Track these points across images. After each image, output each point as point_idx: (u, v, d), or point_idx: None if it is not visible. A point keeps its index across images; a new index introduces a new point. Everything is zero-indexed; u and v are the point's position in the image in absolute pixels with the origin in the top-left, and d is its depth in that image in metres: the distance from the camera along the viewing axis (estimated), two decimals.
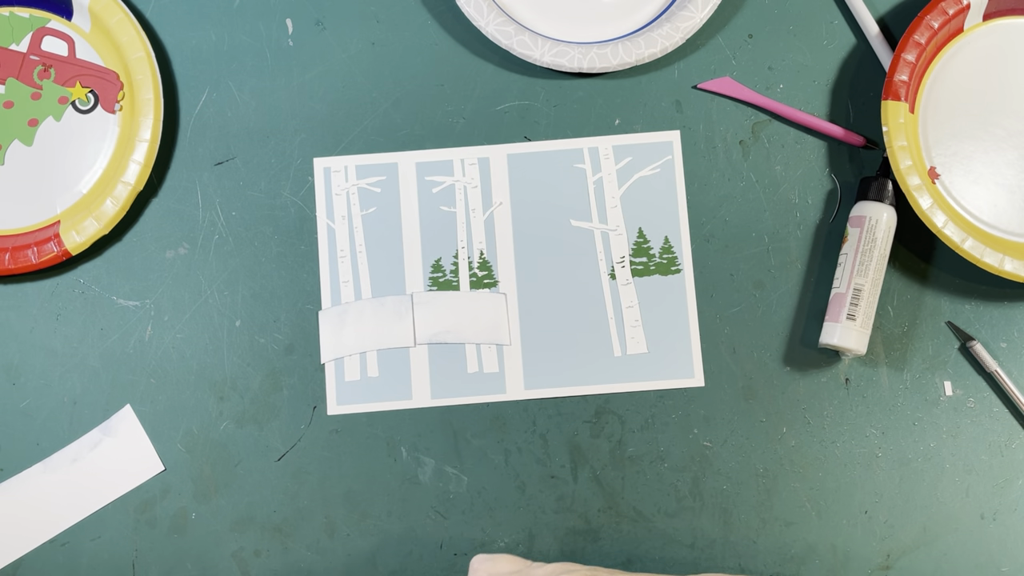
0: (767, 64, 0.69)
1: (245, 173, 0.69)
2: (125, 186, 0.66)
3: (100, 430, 0.66)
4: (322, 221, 0.68)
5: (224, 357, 0.67)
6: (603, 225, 0.68)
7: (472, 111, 0.69)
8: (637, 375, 0.66)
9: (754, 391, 0.66)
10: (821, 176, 0.68)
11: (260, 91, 0.69)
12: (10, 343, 0.67)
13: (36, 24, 0.69)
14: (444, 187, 0.69)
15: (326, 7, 0.70)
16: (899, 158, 0.65)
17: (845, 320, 0.64)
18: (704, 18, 0.68)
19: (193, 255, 0.68)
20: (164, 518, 0.65)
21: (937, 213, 0.64)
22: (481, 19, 0.68)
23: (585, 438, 0.66)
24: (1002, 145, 0.67)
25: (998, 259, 0.64)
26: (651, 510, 0.65)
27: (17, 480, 0.66)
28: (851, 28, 0.70)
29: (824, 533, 0.65)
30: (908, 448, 0.66)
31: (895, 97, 0.65)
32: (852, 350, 0.64)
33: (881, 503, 0.65)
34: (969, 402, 0.66)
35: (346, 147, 0.69)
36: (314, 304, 0.67)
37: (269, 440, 0.66)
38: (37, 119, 0.69)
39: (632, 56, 0.67)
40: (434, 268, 0.68)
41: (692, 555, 0.65)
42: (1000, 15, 0.68)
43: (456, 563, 0.65)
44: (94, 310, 0.67)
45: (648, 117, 0.69)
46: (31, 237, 0.67)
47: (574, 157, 0.69)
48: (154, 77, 0.67)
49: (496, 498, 0.66)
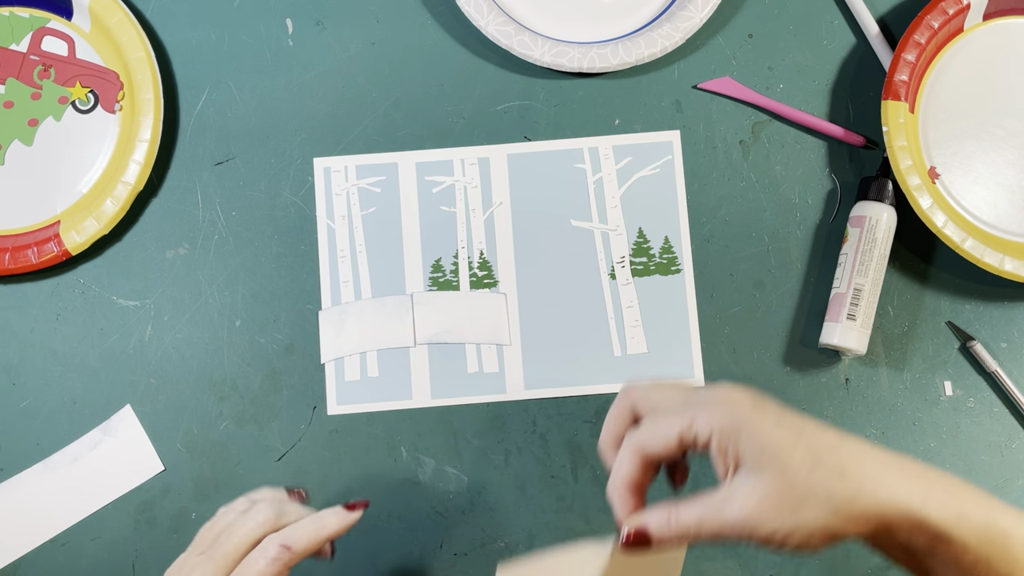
0: (767, 64, 0.69)
1: (245, 173, 0.69)
2: (125, 186, 0.66)
3: (100, 430, 0.66)
4: (322, 221, 0.68)
5: (224, 357, 0.67)
6: (603, 225, 0.68)
7: (472, 111, 0.69)
8: (637, 375, 0.66)
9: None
10: (821, 176, 0.68)
11: (260, 91, 0.69)
12: (10, 343, 0.67)
13: (36, 24, 0.69)
14: (444, 187, 0.69)
15: (326, 7, 0.70)
16: (899, 158, 0.64)
17: (845, 320, 0.64)
18: (704, 18, 0.68)
19: (193, 255, 0.68)
20: (164, 518, 0.65)
21: (937, 213, 0.64)
22: (481, 19, 0.68)
23: (585, 438, 0.66)
24: (1002, 145, 0.67)
25: (998, 259, 0.64)
26: None
27: (17, 480, 0.66)
28: (851, 28, 0.70)
29: None
30: (908, 448, 0.66)
31: (895, 97, 0.65)
32: (852, 350, 0.64)
33: None
34: (969, 402, 0.66)
35: (346, 147, 0.69)
36: (314, 304, 0.67)
37: (269, 440, 0.66)
38: (37, 119, 0.69)
39: (632, 56, 0.67)
40: (434, 268, 0.68)
41: (692, 555, 0.65)
42: (1000, 15, 0.68)
43: (456, 563, 0.65)
44: (94, 310, 0.67)
45: (648, 117, 0.69)
46: (31, 237, 0.67)
47: (574, 157, 0.69)
48: (154, 77, 0.67)
49: (496, 498, 0.66)
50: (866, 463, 0.46)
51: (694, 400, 0.48)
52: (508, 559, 0.58)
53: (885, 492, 0.45)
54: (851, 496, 0.45)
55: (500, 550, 0.65)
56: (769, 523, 0.45)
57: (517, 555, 0.65)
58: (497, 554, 0.65)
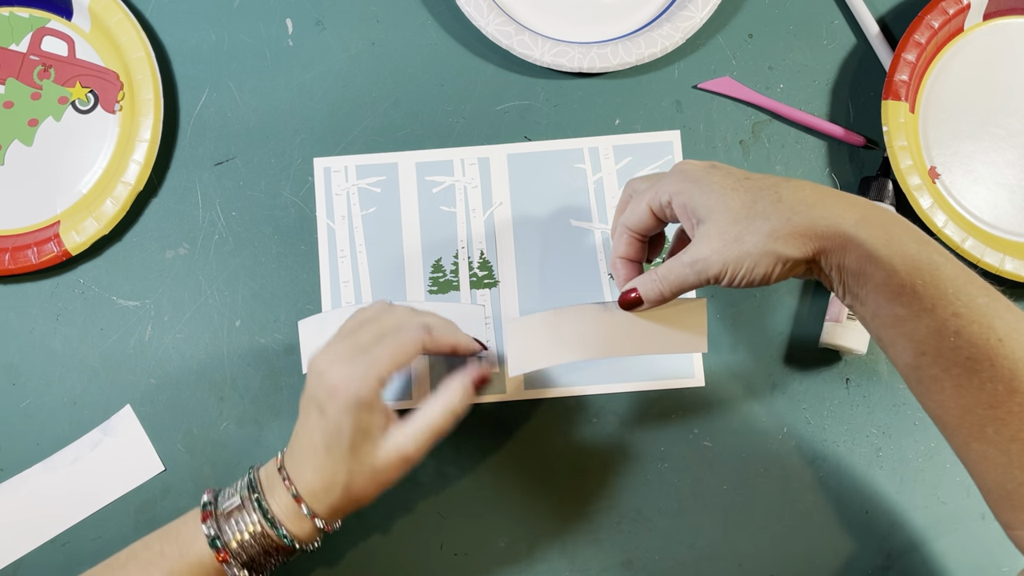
0: (767, 64, 0.69)
1: (245, 173, 0.69)
2: (125, 186, 0.66)
3: (100, 430, 0.66)
4: (322, 221, 0.68)
5: (224, 357, 0.67)
6: (603, 225, 0.68)
7: (472, 111, 0.69)
8: (637, 375, 0.66)
9: (754, 391, 0.66)
10: (821, 176, 0.68)
11: (260, 91, 0.69)
12: (10, 343, 0.67)
13: (36, 24, 0.69)
14: (444, 187, 0.69)
15: (326, 7, 0.70)
16: (899, 158, 0.64)
17: (846, 320, 0.64)
18: (704, 18, 0.68)
19: (193, 255, 0.68)
20: (164, 518, 0.65)
21: (937, 213, 0.64)
22: (481, 19, 0.68)
23: (585, 438, 0.66)
24: (1002, 145, 0.67)
25: (998, 259, 0.64)
26: (651, 510, 0.65)
27: (17, 480, 0.66)
28: (851, 28, 0.70)
29: (824, 533, 0.65)
30: (908, 448, 0.66)
31: (895, 97, 0.65)
32: (853, 350, 0.64)
33: (881, 503, 0.65)
34: None
35: (346, 147, 0.69)
36: (314, 304, 0.67)
37: (269, 440, 0.66)
38: (37, 119, 0.69)
39: (632, 56, 0.67)
40: (434, 268, 0.68)
41: (692, 555, 0.65)
42: (1000, 15, 0.68)
43: (456, 563, 0.65)
44: (94, 310, 0.67)
45: (648, 117, 0.69)
46: (31, 237, 0.67)
47: (574, 157, 0.69)
48: (154, 77, 0.67)
49: (496, 498, 0.66)
50: (804, 191, 0.50)
51: (659, 176, 0.55)
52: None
53: (818, 212, 0.49)
54: (785, 217, 0.49)
55: (500, 550, 0.65)
56: (717, 258, 0.50)
57: (517, 555, 0.65)
58: (497, 554, 0.65)
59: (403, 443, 0.53)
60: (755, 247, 0.49)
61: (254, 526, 0.53)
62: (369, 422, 0.52)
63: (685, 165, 0.53)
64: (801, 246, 0.49)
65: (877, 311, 0.49)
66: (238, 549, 0.53)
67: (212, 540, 0.53)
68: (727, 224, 0.50)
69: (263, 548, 0.53)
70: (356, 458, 0.52)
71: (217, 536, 0.53)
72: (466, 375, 0.56)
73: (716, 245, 0.50)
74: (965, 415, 0.48)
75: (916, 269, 0.47)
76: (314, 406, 0.53)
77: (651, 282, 0.54)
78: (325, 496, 0.53)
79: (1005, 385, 0.46)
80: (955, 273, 0.48)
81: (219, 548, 0.53)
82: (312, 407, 0.53)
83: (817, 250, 0.49)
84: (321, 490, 0.53)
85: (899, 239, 0.48)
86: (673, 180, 0.52)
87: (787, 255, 0.49)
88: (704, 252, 0.50)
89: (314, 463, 0.53)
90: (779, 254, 0.49)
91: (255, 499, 0.54)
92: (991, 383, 0.46)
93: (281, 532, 0.53)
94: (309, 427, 0.53)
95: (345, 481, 0.53)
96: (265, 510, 0.53)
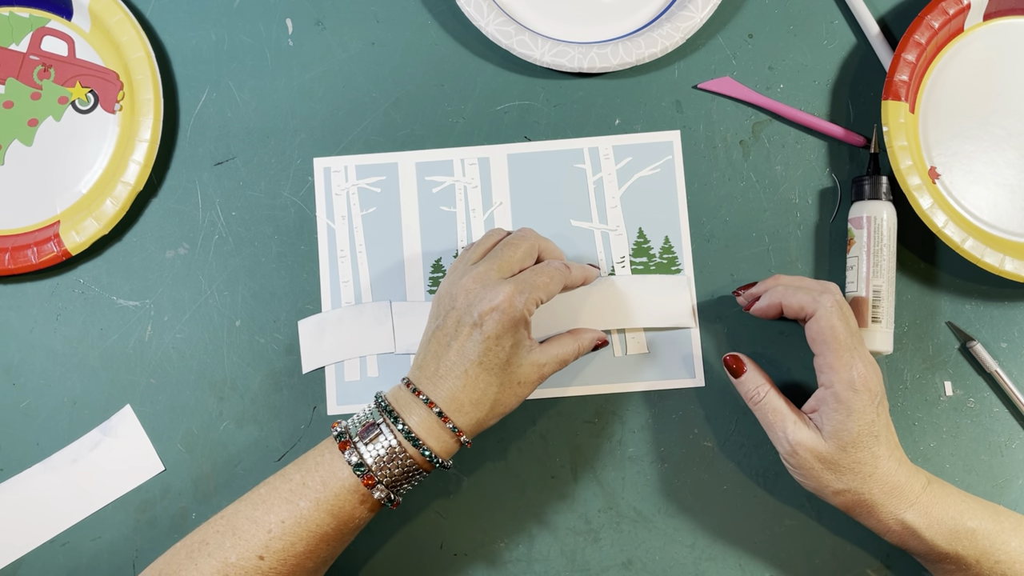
0: (767, 64, 0.69)
1: (245, 173, 0.69)
2: (125, 186, 0.66)
3: (100, 430, 0.66)
4: (322, 221, 0.68)
5: (224, 357, 0.67)
6: (603, 225, 0.68)
7: (472, 111, 0.69)
8: (637, 375, 0.66)
9: None
10: (821, 176, 0.68)
11: (260, 91, 0.69)
12: (10, 343, 0.67)
13: (36, 24, 0.69)
14: (444, 187, 0.69)
15: (326, 7, 0.70)
16: (899, 158, 0.64)
17: (871, 324, 0.63)
18: (704, 18, 0.68)
19: (193, 255, 0.68)
20: (164, 518, 0.65)
21: (937, 213, 0.64)
22: (481, 19, 0.68)
23: (585, 438, 0.66)
24: (1002, 145, 0.67)
25: (998, 259, 0.64)
26: (651, 510, 0.65)
27: (17, 480, 0.66)
28: (851, 28, 0.70)
29: (824, 533, 0.65)
30: (908, 448, 0.66)
31: (895, 97, 0.65)
32: (880, 352, 0.64)
33: None
34: (969, 402, 0.66)
35: (346, 147, 0.69)
36: (314, 304, 0.67)
37: (269, 440, 0.66)
38: (37, 119, 0.69)
39: (632, 56, 0.67)
40: (434, 268, 0.68)
41: (692, 555, 0.65)
42: (1000, 15, 0.68)
43: (456, 563, 0.65)
44: (94, 310, 0.67)
45: (648, 117, 0.69)
46: (31, 237, 0.67)
47: (574, 157, 0.69)
48: (154, 77, 0.67)
49: (496, 498, 0.66)
50: (896, 493, 0.57)
51: (820, 288, 0.59)
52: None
53: (887, 509, 0.57)
54: (859, 492, 0.57)
55: (500, 550, 0.65)
56: (802, 459, 0.58)
57: (517, 555, 0.65)
58: (497, 554, 0.65)
59: (543, 360, 0.58)
60: (825, 488, 0.58)
61: (395, 448, 0.55)
62: (524, 338, 0.57)
63: (876, 379, 0.57)
64: (858, 516, 0.59)
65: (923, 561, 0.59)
66: (380, 472, 0.55)
67: (356, 466, 0.55)
68: (836, 450, 0.57)
69: (404, 469, 0.55)
70: (508, 371, 0.56)
71: (361, 462, 0.55)
72: (596, 332, 0.63)
73: (812, 455, 0.57)
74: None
75: (955, 539, 0.56)
76: (468, 322, 0.56)
77: (753, 385, 0.61)
78: (472, 410, 0.56)
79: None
80: (988, 529, 0.56)
81: (363, 474, 0.55)
82: (465, 323, 0.56)
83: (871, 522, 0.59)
84: (468, 403, 0.56)
85: (941, 516, 0.57)
86: (863, 364, 0.57)
87: (835, 504, 0.59)
88: (805, 446, 0.57)
89: (464, 378, 0.56)
90: (831, 500, 0.58)
91: (395, 421, 0.55)
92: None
93: (424, 450, 0.55)
94: (460, 341, 0.56)
95: (496, 394, 0.56)
96: (407, 431, 0.55)
